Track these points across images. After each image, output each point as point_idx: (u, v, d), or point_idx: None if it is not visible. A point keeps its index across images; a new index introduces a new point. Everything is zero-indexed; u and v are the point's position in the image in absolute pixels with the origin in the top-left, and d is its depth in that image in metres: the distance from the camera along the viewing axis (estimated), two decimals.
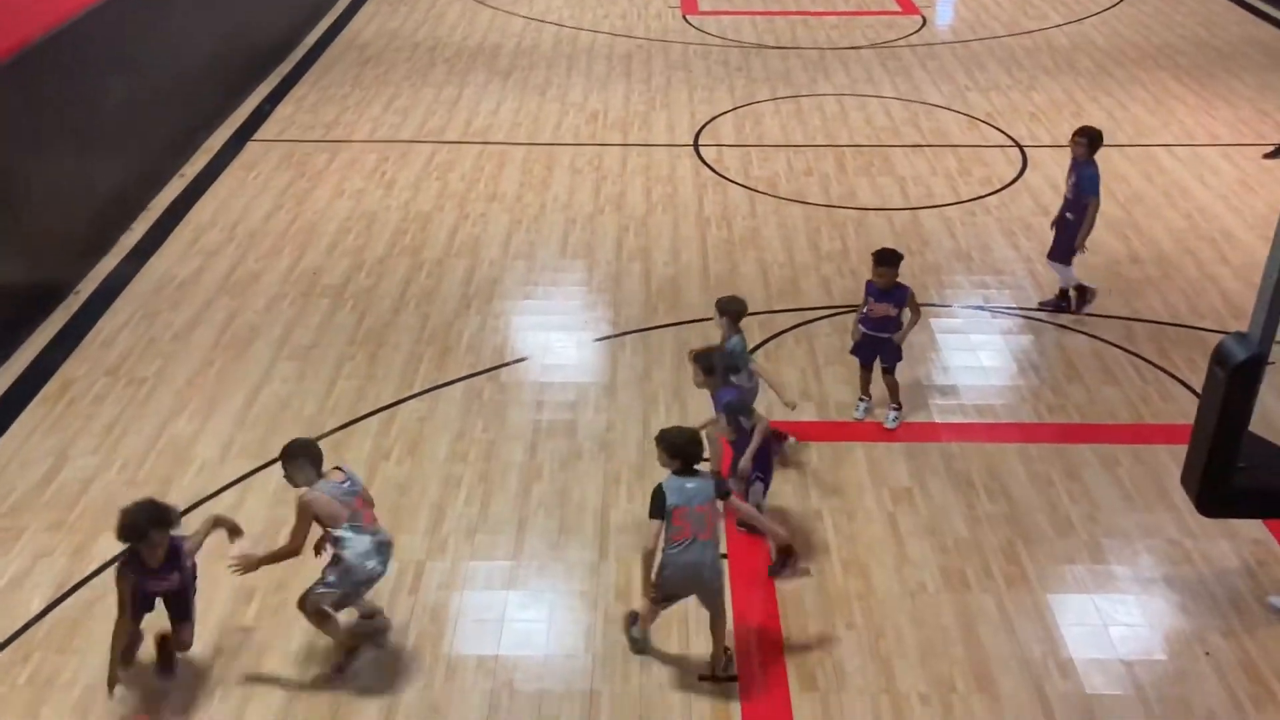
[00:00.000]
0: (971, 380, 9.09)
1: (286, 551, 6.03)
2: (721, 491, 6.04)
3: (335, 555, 6.05)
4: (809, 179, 12.54)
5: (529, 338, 9.66)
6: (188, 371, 9.06)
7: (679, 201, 12.02)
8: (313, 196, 12.14)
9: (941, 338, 9.57)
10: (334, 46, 17.01)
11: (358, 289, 10.32)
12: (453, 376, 9.00)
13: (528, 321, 9.94)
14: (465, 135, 13.77)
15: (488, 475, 7.88)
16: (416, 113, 14.47)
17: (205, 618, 6.62)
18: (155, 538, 5.81)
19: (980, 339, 9.67)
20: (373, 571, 6.11)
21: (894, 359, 8.28)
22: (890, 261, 8.06)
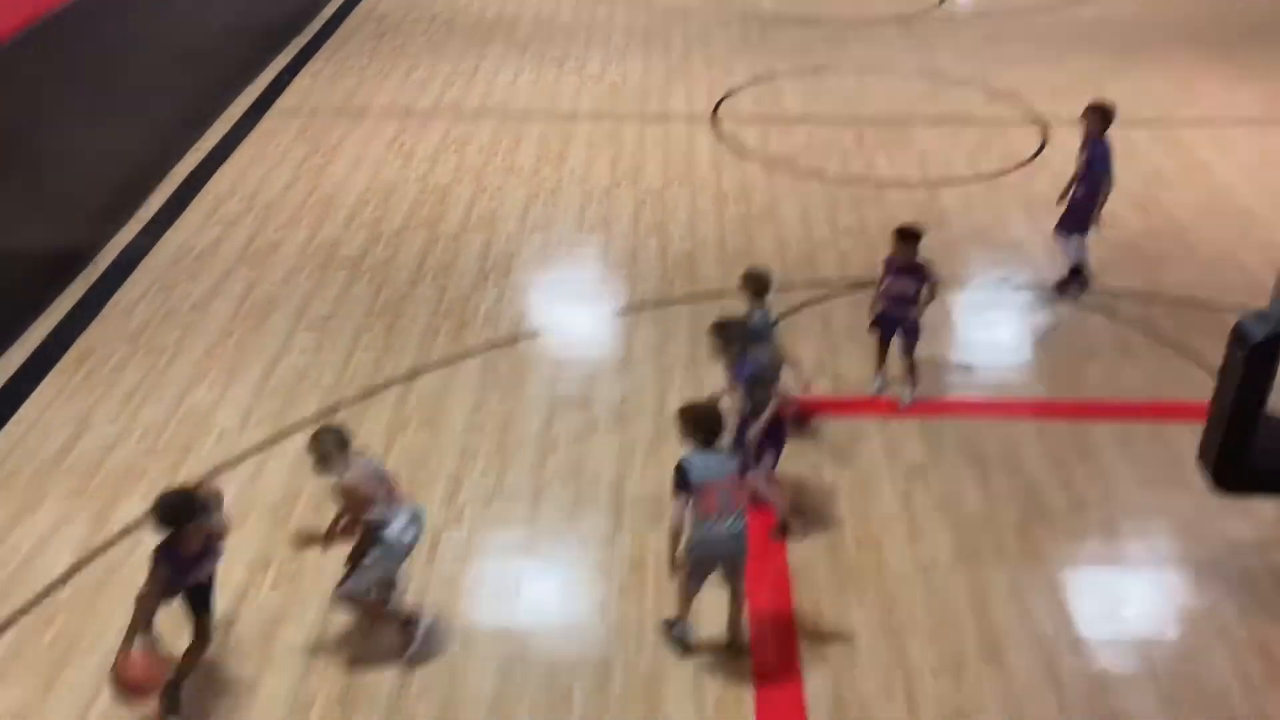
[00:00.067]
0: (987, 357, 9.08)
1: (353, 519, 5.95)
2: (742, 465, 6.04)
3: (374, 537, 5.93)
4: (827, 154, 12.48)
5: (546, 311, 9.69)
6: (206, 341, 9.13)
7: (696, 175, 11.99)
8: (330, 168, 12.16)
9: (958, 314, 9.55)
10: (352, 18, 17.01)
11: (375, 261, 10.35)
12: (469, 349, 9.04)
13: (544, 295, 9.96)
14: (483, 108, 13.76)
15: (504, 447, 7.93)
16: (434, 85, 14.46)
17: (221, 586, 6.70)
18: (198, 524, 5.59)
19: (996, 316, 9.64)
20: (411, 544, 6.07)
21: (913, 336, 8.27)
22: (911, 238, 8.04)
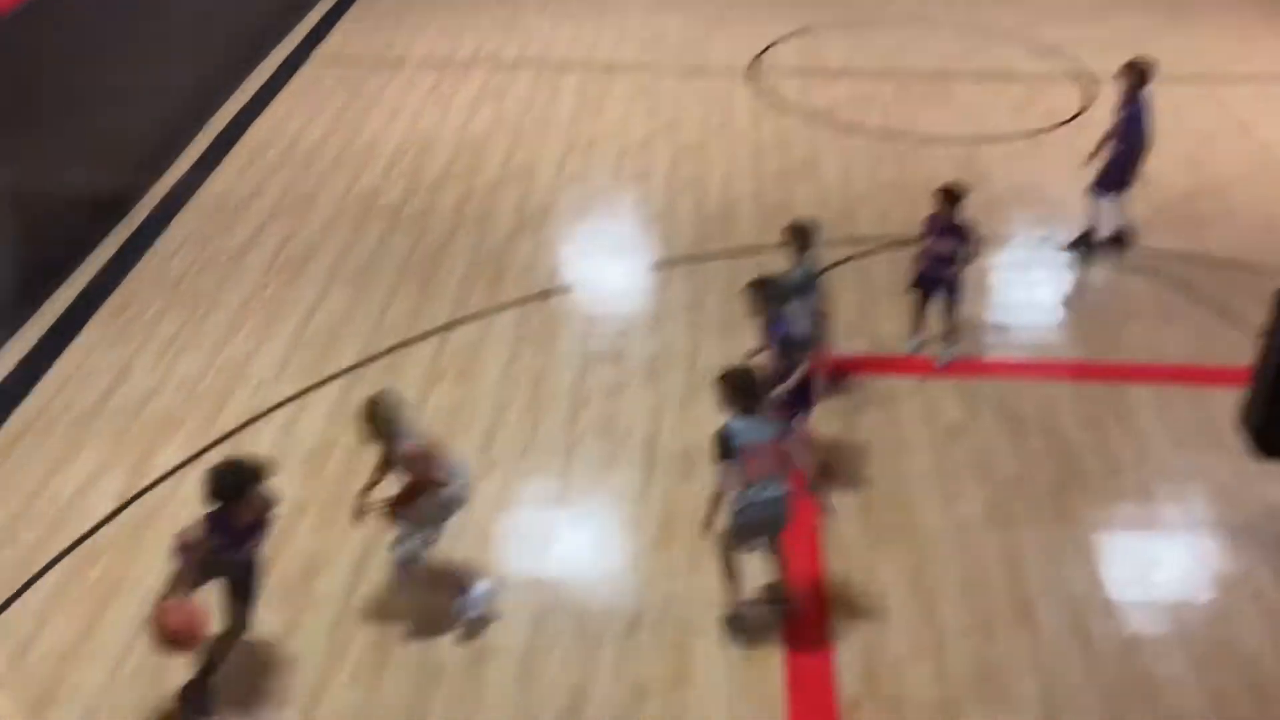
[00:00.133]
0: (1026, 317, 8.99)
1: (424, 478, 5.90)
2: (785, 430, 6.00)
3: (435, 497, 5.91)
4: (868, 108, 12.33)
5: (580, 264, 9.69)
6: (244, 292, 9.21)
7: (734, 129, 11.89)
8: (368, 118, 12.16)
9: (997, 274, 9.45)
10: None
11: (412, 212, 10.37)
12: (504, 302, 9.07)
13: (579, 248, 9.96)
14: (521, 58, 13.68)
15: (537, 400, 7.97)
16: (472, 35, 14.39)
17: None
18: (253, 494, 5.39)
19: (1036, 275, 9.54)
20: (462, 502, 6.08)
21: (955, 296, 8.18)
22: (954, 197, 7.95)
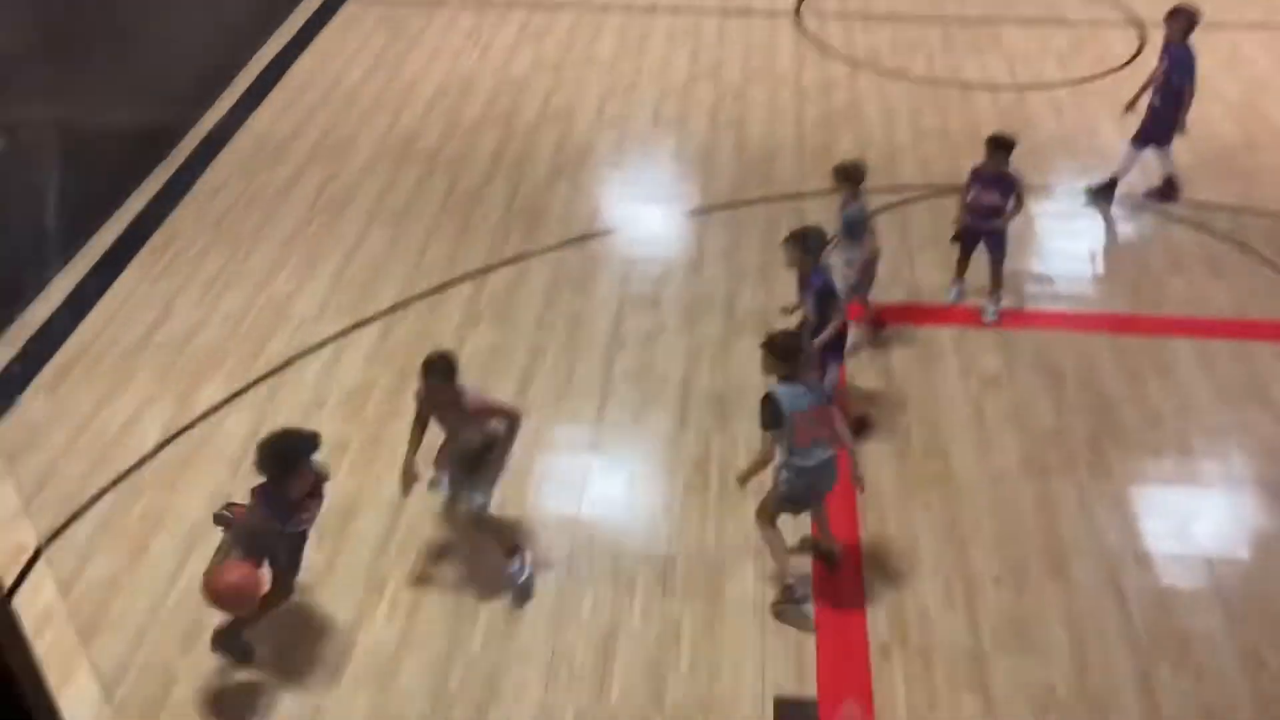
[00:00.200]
0: (1069, 268, 8.87)
1: (515, 415, 5.98)
2: (828, 393, 5.96)
3: (501, 438, 5.99)
4: (912, 53, 12.11)
5: (618, 209, 9.66)
6: (285, 231, 9.27)
7: (777, 72, 11.74)
8: (408, 59, 12.12)
9: (1041, 223, 9.32)
10: None
11: (451, 154, 10.36)
12: (542, 245, 9.07)
13: (617, 192, 9.92)
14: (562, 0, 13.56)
15: (573, 344, 8.00)
16: None
17: None
18: (304, 467, 5.27)
19: (1080, 226, 9.39)
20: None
21: (1000, 250, 8.03)
22: (1003, 148, 7.76)
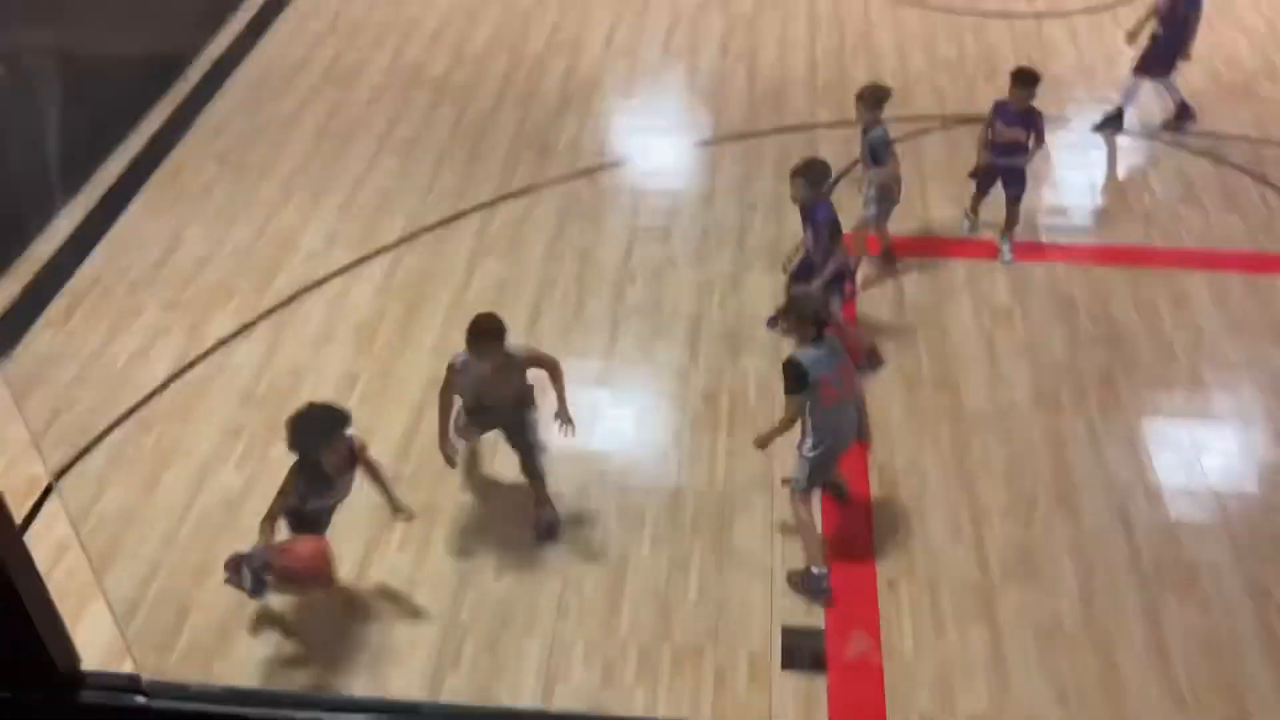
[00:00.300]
0: (1083, 200, 8.78)
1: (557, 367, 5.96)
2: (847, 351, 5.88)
3: (533, 406, 6.03)
4: None
5: (628, 140, 9.55)
6: (293, 161, 9.20)
7: (788, 1, 11.52)
8: None
9: (1055, 155, 9.20)
10: None
11: (458, 83, 10.24)
12: (551, 177, 8.99)
13: (627, 123, 9.80)
14: None
15: (583, 277, 7.96)
16: None
17: (313, 398, 6.95)
18: (337, 440, 5.19)
19: (1096, 157, 9.28)
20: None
21: (1020, 187, 7.88)
22: (1029, 82, 7.56)
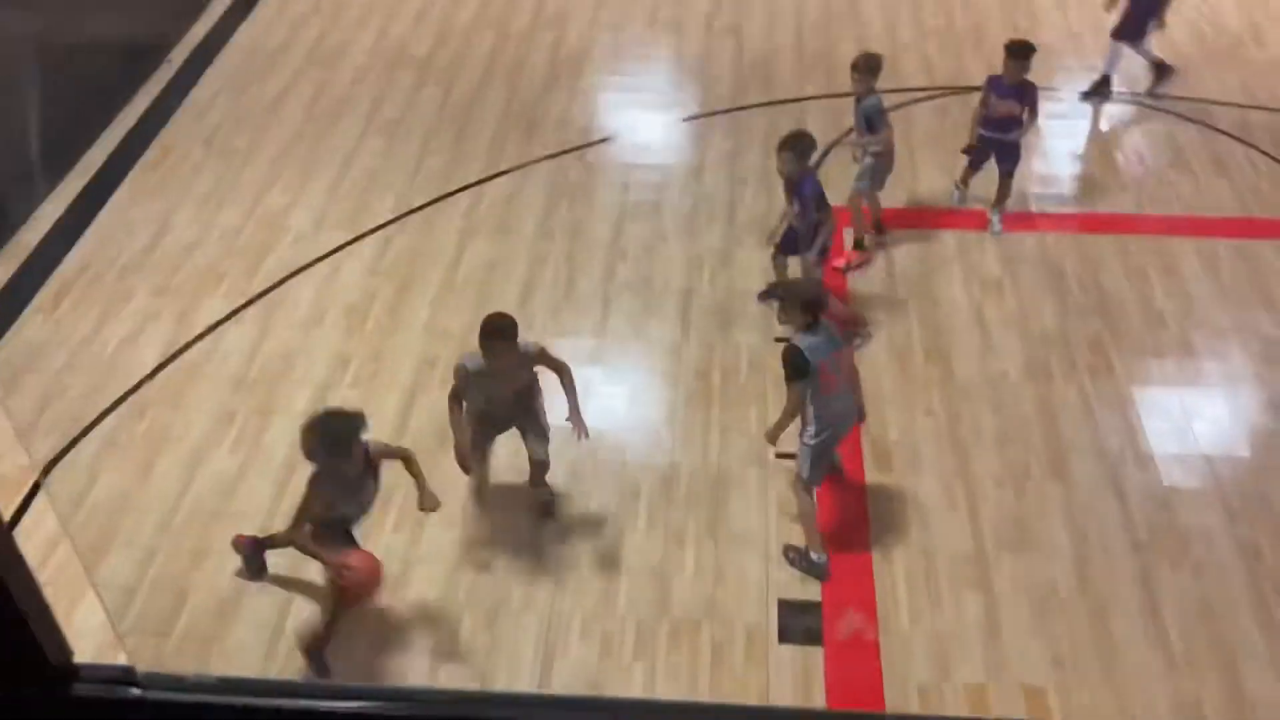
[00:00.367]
0: (1072, 169, 8.78)
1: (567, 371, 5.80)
2: (848, 337, 5.89)
3: (539, 394, 5.94)
4: None
5: (616, 116, 9.51)
6: (279, 143, 9.15)
7: None
8: None
9: (1044, 123, 9.16)
10: None
11: (444, 62, 10.18)
12: (539, 154, 8.96)
13: (615, 99, 9.76)
14: None
15: (573, 254, 7.95)
16: None
17: (303, 383, 6.96)
18: (354, 446, 5.00)
19: (1084, 125, 9.27)
20: None
21: (1013, 161, 7.84)
22: (1023, 55, 7.49)
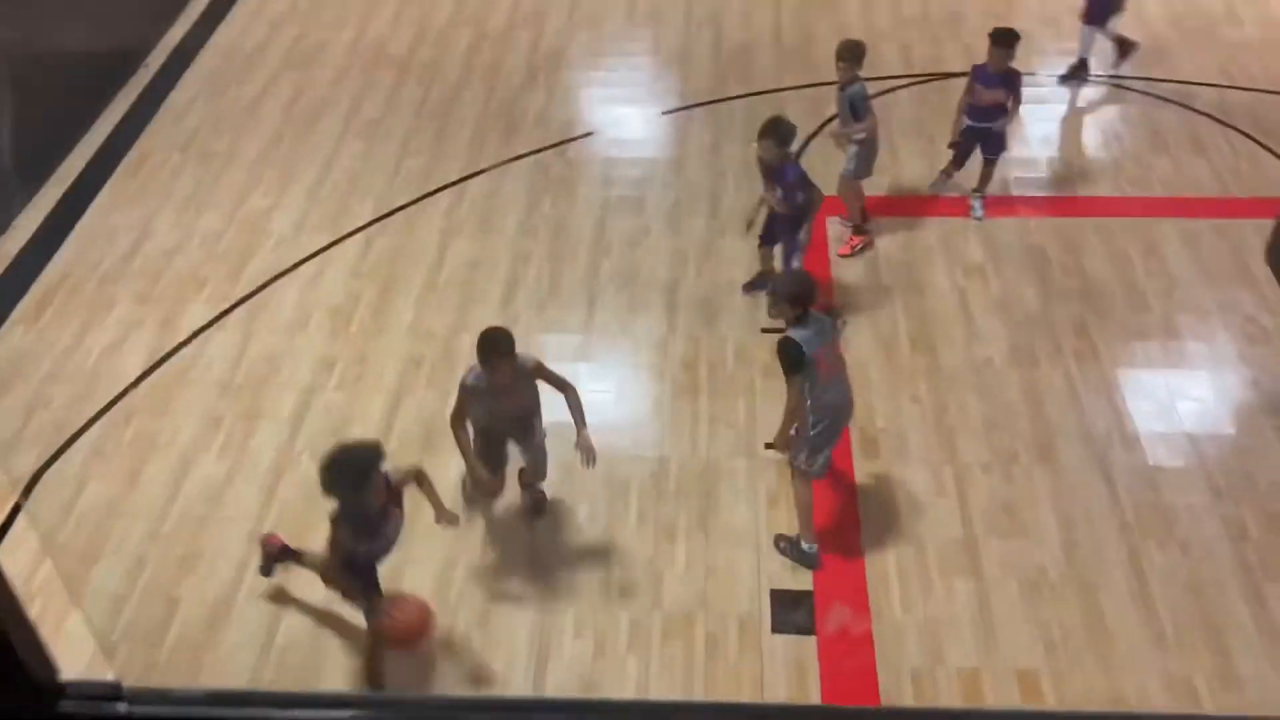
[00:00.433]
0: (1053, 153, 8.80)
1: (570, 389, 5.68)
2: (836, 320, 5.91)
3: (539, 412, 5.85)
4: None
5: (596, 111, 9.50)
6: (258, 146, 9.11)
7: None
8: None
9: (1023, 108, 9.16)
10: None
11: (422, 61, 10.15)
12: (520, 151, 8.94)
13: (594, 94, 9.75)
14: None
15: (557, 251, 7.94)
16: None
17: (288, 386, 6.95)
18: (375, 479, 4.85)
19: (1063, 109, 9.30)
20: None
21: (998, 150, 7.86)
22: (1008, 42, 7.46)
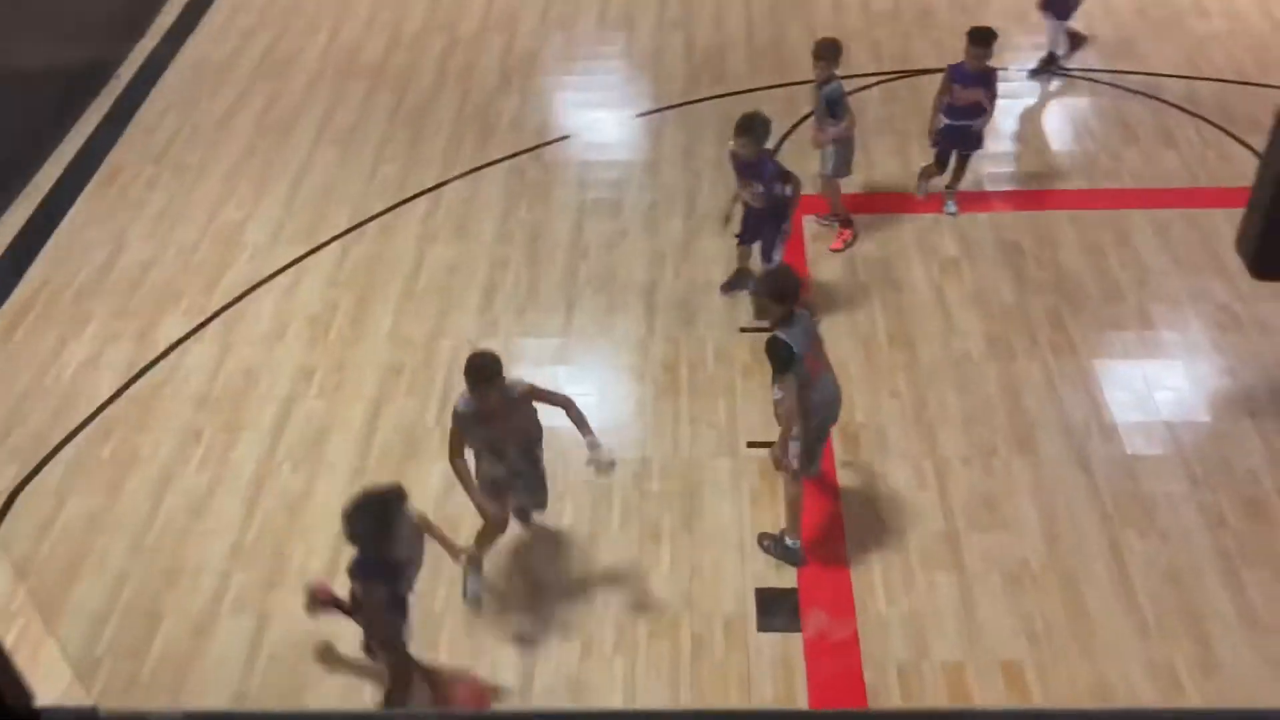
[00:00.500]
0: (1024, 146, 8.86)
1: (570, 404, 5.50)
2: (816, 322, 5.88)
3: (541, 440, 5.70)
4: None
5: (570, 115, 9.51)
6: (232, 157, 9.07)
7: None
8: None
9: (995, 103, 9.25)
10: None
11: (395, 67, 10.13)
12: (496, 156, 8.93)
13: (568, 98, 9.75)
14: None
15: (535, 255, 7.95)
16: None
17: (268, 398, 6.93)
18: (399, 524, 4.76)
19: (1033, 103, 9.37)
20: None
21: (975, 147, 7.89)
22: (986, 41, 7.48)
